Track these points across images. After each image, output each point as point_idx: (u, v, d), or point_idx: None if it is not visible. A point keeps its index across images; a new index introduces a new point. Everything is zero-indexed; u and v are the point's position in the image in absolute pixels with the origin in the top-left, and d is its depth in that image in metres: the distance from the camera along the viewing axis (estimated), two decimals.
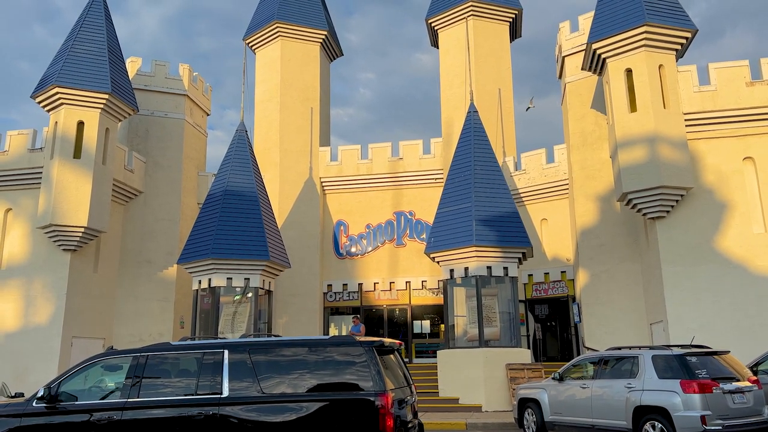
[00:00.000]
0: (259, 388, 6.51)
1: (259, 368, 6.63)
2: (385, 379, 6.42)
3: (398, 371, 7.23)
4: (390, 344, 7.11)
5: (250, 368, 6.64)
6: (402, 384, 7.12)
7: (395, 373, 7.08)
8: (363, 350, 6.57)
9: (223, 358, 6.76)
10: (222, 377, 6.64)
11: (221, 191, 19.74)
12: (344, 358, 6.56)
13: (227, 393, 6.55)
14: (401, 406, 6.68)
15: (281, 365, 6.62)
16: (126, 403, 6.62)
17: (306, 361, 6.62)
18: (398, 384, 6.95)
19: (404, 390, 7.10)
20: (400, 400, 6.72)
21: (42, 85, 20.18)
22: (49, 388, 6.86)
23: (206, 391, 6.59)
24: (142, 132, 23.82)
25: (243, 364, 6.68)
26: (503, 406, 16.82)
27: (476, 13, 24.02)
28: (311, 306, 23.41)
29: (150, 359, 6.88)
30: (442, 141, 23.92)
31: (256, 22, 26.35)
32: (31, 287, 19.87)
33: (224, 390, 6.57)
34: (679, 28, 17.20)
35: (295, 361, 6.63)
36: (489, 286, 18.09)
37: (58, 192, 19.40)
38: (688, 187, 16.83)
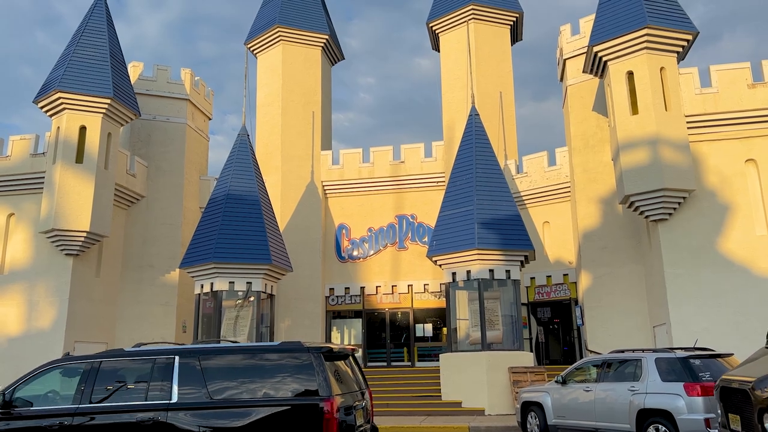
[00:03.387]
0: (208, 393, 6.62)
1: (208, 374, 6.74)
2: (331, 385, 6.53)
3: (350, 377, 7.35)
4: (340, 350, 7.22)
5: (200, 374, 6.75)
6: (353, 389, 7.24)
7: (346, 378, 7.20)
8: (310, 356, 6.69)
9: (173, 364, 6.86)
10: (172, 383, 6.75)
11: (223, 195, 19.76)
12: (292, 363, 6.69)
13: (176, 399, 6.65)
14: (349, 412, 6.79)
15: (230, 371, 6.73)
16: (78, 408, 6.70)
17: (254, 366, 6.74)
18: (348, 389, 7.07)
19: (355, 395, 7.20)
20: (348, 406, 6.84)
21: (44, 90, 20.24)
22: (3, 394, 6.90)
23: (156, 396, 6.70)
24: (144, 136, 23.87)
25: (193, 370, 6.79)
26: (506, 409, 16.79)
27: (477, 16, 24.06)
28: (313, 309, 23.39)
29: (103, 365, 6.97)
30: (443, 144, 23.93)
31: (257, 26, 26.41)
32: (34, 292, 19.89)
33: (173, 396, 6.68)
34: (680, 31, 17.21)
35: (243, 366, 6.75)
36: (491, 289, 18.07)
37: (60, 197, 19.44)
38: (690, 189, 16.81)
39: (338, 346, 7.21)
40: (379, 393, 18.67)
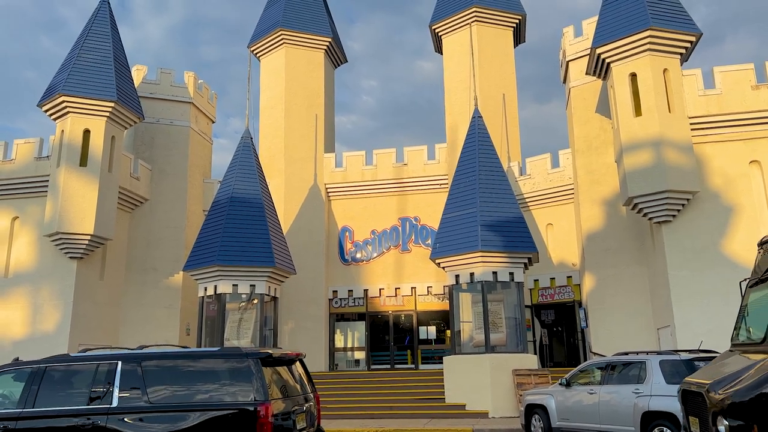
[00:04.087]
0: (147, 398, 6.77)
1: (148, 379, 6.89)
2: (267, 390, 6.67)
3: (292, 382, 7.50)
4: (281, 356, 7.36)
5: (140, 379, 6.90)
6: (294, 394, 7.38)
7: (287, 383, 7.36)
8: (248, 361, 6.84)
9: (116, 369, 7.02)
10: (113, 387, 6.91)
11: (227, 198, 19.79)
12: (231, 369, 6.84)
13: (116, 403, 6.80)
14: (287, 416, 6.94)
15: (170, 376, 6.89)
16: (21, 413, 6.85)
17: (194, 371, 6.90)
18: (289, 394, 7.22)
19: (296, 400, 7.35)
20: (287, 411, 6.99)
21: (48, 93, 20.32)
22: None
23: (98, 401, 6.86)
24: (147, 139, 23.93)
25: (134, 375, 6.94)
26: (510, 412, 16.75)
27: (480, 18, 24.06)
28: (317, 312, 23.39)
29: (49, 370, 7.13)
30: (446, 146, 23.93)
31: (260, 29, 26.48)
32: (38, 295, 19.94)
33: (114, 400, 6.83)
34: (684, 32, 17.18)
35: (183, 372, 6.91)
36: (495, 291, 18.05)
37: (64, 200, 19.50)
38: (694, 191, 16.77)
39: (279, 352, 7.36)
40: (382, 395, 18.65)
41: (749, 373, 6.37)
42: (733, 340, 7.52)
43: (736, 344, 7.41)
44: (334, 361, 23.90)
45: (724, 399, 6.33)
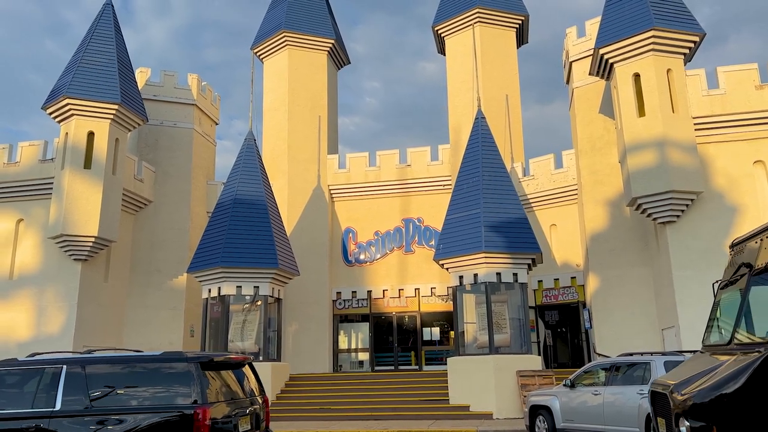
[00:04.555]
0: (89, 402, 6.90)
1: (91, 382, 7.03)
2: (206, 393, 6.83)
3: (237, 386, 7.66)
4: (225, 360, 7.51)
5: (83, 383, 7.04)
6: (238, 397, 7.53)
7: (231, 387, 7.52)
8: (188, 365, 7.01)
9: (61, 373, 7.16)
10: (57, 391, 7.04)
11: (230, 200, 19.82)
12: (172, 372, 7.01)
13: (60, 406, 6.93)
14: (227, 420, 7.08)
15: (113, 380, 7.04)
16: None
17: (137, 375, 7.05)
18: (232, 397, 7.37)
19: (240, 402, 7.50)
20: (228, 414, 7.13)
21: (53, 96, 20.39)
22: None
23: (42, 404, 6.99)
24: (151, 142, 23.99)
25: (78, 379, 7.08)
26: (514, 413, 16.73)
27: (483, 19, 24.06)
28: (320, 314, 23.41)
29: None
30: (450, 147, 23.93)
31: (263, 31, 26.52)
32: (43, 297, 20.00)
33: (57, 404, 6.96)
34: (687, 32, 17.15)
35: (125, 375, 7.06)
36: (498, 292, 18.03)
37: (68, 202, 19.56)
38: (698, 191, 16.74)
39: (223, 357, 7.50)
40: (386, 397, 18.65)
41: (712, 374, 6.41)
42: (704, 341, 7.59)
43: (707, 345, 7.48)
44: (338, 363, 23.90)
45: (686, 400, 6.37)
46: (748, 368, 6.08)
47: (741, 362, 6.24)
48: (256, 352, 19.15)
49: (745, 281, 7.01)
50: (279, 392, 19.34)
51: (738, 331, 6.83)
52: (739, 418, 6.02)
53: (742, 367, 6.14)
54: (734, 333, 6.87)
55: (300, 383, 20.10)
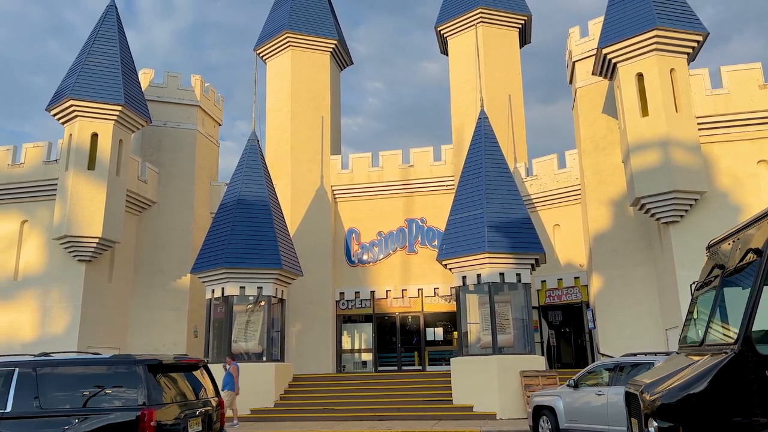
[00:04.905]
0: (39, 404, 7.03)
1: (42, 385, 7.17)
2: (152, 396, 7.00)
3: (188, 388, 7.83)
4: (176, 362, 7.65)
5: (35, 385, 7.18)
6: (189, 399, 7.69)
7: (182, 389, 7.69)
8: (136, 368, 7.16)
9: (13, 375, 7.29)
10: (9, 393, 7.18)
11: (234, 201, 19.85)
12: (121, 374, 7.17)
13: (10, 408, 7.06)
14: (176, 421, 7.25)
15: (63, 382, 7.17)
16: None
17: (87, 377, 7.19)
18: (182, 399, 7.53)
19: (191, 404, 7.67)
20: (177, 416, 7.31)
21: (57, 97, 20.46)
22: None
23: None
24: (155, 143, 24.04)
25: (29, 381, 7.22)
26: (518, 413, 16.72)
27: (485, 19, 24.05)
28: (324, 314, 23.42)
29: None
30: (452, 148, 23.92)
31: (266, 32, 26.56)
32: (47, 297, 20.06)
33: (8, 406, 7.10)
34: (690, 32, 17.12)
35: (77, 378, 7.19)
36: (502, 292, 18.01)
37: (73, 203, 19.61)
38: (701, 191, 16.70)
39: (173, 359, 7.63)
40: (390, 397, 18.65)
41: (680, 375, 6.46)
42: (681, 341, 7.64)
43: (683, 346, 7.53)
44: (341, 363, 23.91)
45: (654, 400, 6.41)
46: (713, 369, 6.13)
47: (708, 363, 6.29)
48: (260, 352, 19.17)
49: (718, 283, 7.10)
50: (282, 393, 19.36)
51: (710, 332, 6.89)
52: (705, 419, 6.05)
53: (709, 368, 6.19)
54: (707, 334, 6.92)
55: (303, 384, 20.11)
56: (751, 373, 6.06)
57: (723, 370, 6.07)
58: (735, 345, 6.18)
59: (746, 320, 6.23)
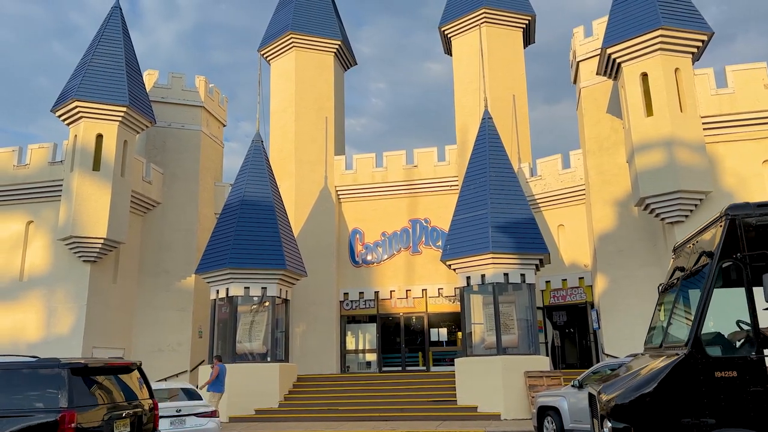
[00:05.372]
0: None
1: None
2: (73, 398, 7.12)
3: (117, 390, 7.97)
4: (103, 365, 7.78)
5: None
6: (117, 401, 7.83)
7: (111, 391, 7.84)
8: (59, 371, 7.28)
9: None
10: None
11: (238, 201, 19.89)
12: (45, 377, 7.29)
13: None
14: (99, 425, 7.39)
15: None
16: None
17: (11, 380, 7.32)
18: (110, 401, 7.68)
19: (120, 406, 7.83)
20: (102, 418, 7.43)
21: (62, 99, 20.53)
22: None
23: None
24: (159, 143, 24.10)
25: None
26: (522, 414, 16.69)
27: (489, 20, 24.04)
28: (328, 314, 23.43)
29: None
30: (456, 148, 23.91)
31: (270, 33, 26.60)
32: (53, 298, 20.13)
33: None
34: (695, 31, 17.07)
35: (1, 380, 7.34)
36: (506, 293, 17.99)
37: (78, 204, 19.68)
38: (706, 191, 16.65)
39: (101, 362, 7.77)
40: (394, 398, 18.65)
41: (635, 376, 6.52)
42: (645, 342, 7.66)
43: (647, 347, 7.55)
44: (345, 364, 23.92)
45: (609, 401, 6.50)
46: (664, 370, 6.26)
47: (661, 365, 6.39)
48: (264, 353, 19.19)
49: (678, 285, 7.12)
50: (287, 393, 19.38)
51: (669, 333, 6.96)
52: (655, 420, 6.15)
53: (660, 370, 6.31)
54: (666, 335, 6.98)
55: (308, 384, 20.13)
56: (700, 374, 6.16)
57: (673, 372, 6.18)
58: (685, 347, 6.29)
59: (696, 322, 6.33)
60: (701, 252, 6.73)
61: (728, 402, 6.05)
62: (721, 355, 6.24)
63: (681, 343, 6.47)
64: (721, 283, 6.48)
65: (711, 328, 6.57)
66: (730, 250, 6.35)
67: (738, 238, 6.36)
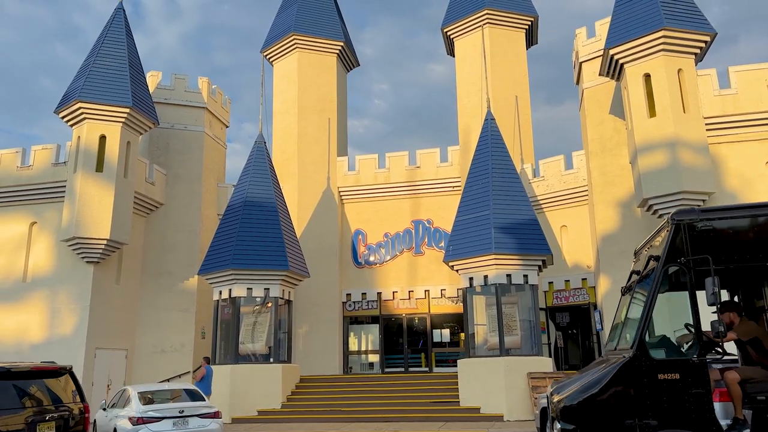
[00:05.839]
0: None
1: None
2: None
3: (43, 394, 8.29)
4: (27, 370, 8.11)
5: None
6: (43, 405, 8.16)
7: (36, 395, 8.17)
8: None
9: None
10: None
11: (241, 202, 19.91)
12: None
13: None
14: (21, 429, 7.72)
15: None
16: None
17: None
18: (31, 405, 8.02)
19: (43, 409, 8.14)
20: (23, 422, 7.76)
21: (65, 100, 20.59)
22: None
23: None
24: (162, 145, 24.15)
25: None
26: (525, 415, 16.67)
27: (492, 21, 24.04)
28: (331, 315, 23.44)
29: None
30: (459, 149, 23.90)
31: (273, 34, 26.64)
32: (56, 299, 20.17)
33: None
34: (698, 32, 17.05)
35: None
36: (509, 294, 17.97)
37: (81, 205, 19.72)
38: (709, 192, 16.61)
39: (25, 367, 8.09)
40: (396, 399, 18.64)
41: (585, 378, 6.58)
42: (606, 344, 7.77)
43: (609, 350, 7.65)
44: (348, 365, 23.92)
45: (558, 402, 6.58)
46: (610, 373, 6.38)
47: (608, 367, 6.50)
48: (267, 353, 19.20)
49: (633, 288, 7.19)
50: (289, 394, 19.39)
51: (623, 336, 7.06)
52: (600, 422, 6.25)
53: (606, 372, 6.43)
54: (620, 338, 7.08)
55: (310, 385, 20.13)
56: (644, 376, 6.27)
57: (618, 374, 6.29)
58: (630, 350, 6.39)
59: (641, 325, 6.46)
60: (650, 256, 6.91)
61: (671, 404, 6.16)
62: (664, 358, 6.35)
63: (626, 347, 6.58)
64: (667, 287, 6.65)
65: (661, 331, 6.74)
66: (675, 255, 6.52)
67: (683, 243, 6.52)
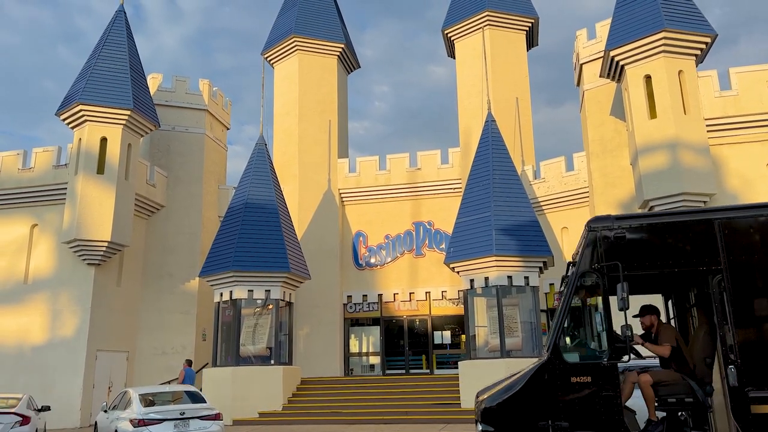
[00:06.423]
0: None
1: None
2: None
3: None
4: None
5: None
6: None
7: None
8: None
9: None
10: None
11: (241, 204, 19.92)
12: None
13: None
14: None
15: None
16: None
17: None
18: None
19: None
20: None
21: (66, 102, 20.61)
22: None
23: None
24: (163, 147, 24.17)
25: None
26: None
27: (493, 22, 24.05)
28: (331, 317, 23.43)
29: None
30: (460, 150, 23.90)
31: (273, 36, 26.66)
32: (57, 301, 20.18)
33: None
34: (698, 33, 17.05)
35: None
36: (510, 295, 17.96)
37: (82, 207, 19.74)
38: (710, 193, 16.60)
39: None
40: (397, 401, 18.62)
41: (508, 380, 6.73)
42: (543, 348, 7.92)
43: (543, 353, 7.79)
44: (349, 366, 23.90)
45: (480, 404, 6.70)
46: (526, 375, 6.54)
47: (526, 369, 6.67)
48: (268, 355, 19.19)
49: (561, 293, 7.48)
50: (290, 396, 19.37)
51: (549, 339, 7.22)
52: (514, 423, 6.38)
53: (524, 375, 6.60)
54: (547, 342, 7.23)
55: (311, 387, 20.12)
56: (557, 379, 6.40)
57: (534, 377, 6.44)
58: (546, 353, 6.56)
59: (556, 329, 6.62)
60: (569, 263, 7.15)
61: (582, 406, 6.28)
62: (577, 361, 6.51)
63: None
64: (584, 293, 6.58)
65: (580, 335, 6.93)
66: (590, 261, 6.70)
67: (596, 249, 6.69)
